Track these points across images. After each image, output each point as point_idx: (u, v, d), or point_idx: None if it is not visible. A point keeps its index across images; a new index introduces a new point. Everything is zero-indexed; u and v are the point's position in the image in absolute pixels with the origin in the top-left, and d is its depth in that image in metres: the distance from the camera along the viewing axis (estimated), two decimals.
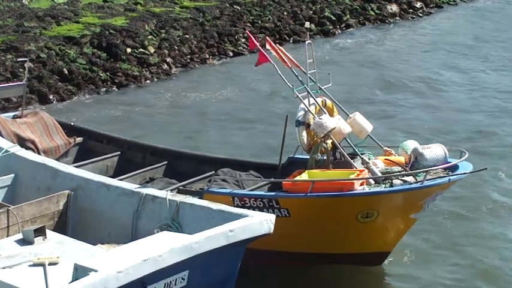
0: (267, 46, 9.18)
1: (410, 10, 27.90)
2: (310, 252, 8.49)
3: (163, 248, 6.01)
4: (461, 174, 8.29)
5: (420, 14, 27.85)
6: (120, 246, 6.59)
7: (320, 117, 8.74)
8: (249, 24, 23.02)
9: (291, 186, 8.29)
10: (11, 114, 10.96)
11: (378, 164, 8.64)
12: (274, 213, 7.97)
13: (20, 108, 11.06)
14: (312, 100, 8.96)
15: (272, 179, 8.95)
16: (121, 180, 8.82)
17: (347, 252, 8.47)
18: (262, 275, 8.52)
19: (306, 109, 8.90)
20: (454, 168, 8.43)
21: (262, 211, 7.94)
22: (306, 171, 8.63)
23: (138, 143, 10.65)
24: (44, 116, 10.72)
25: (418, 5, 28.33)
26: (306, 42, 9.24)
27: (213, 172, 9.20)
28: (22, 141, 9.92)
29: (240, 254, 6.68)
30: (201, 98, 17.14)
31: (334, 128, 8.60)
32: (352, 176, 8.27)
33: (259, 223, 6.71)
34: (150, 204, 7.71)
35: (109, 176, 9.14)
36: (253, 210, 7.91)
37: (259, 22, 23.49)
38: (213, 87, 17.94)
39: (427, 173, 8.08)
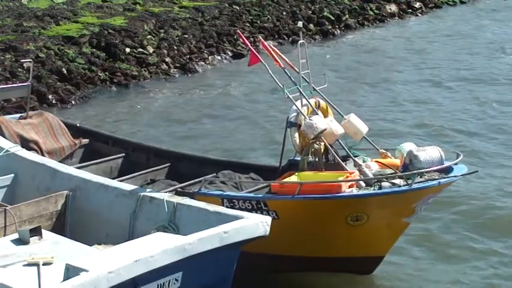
0: (260, 46, 9.08)
1: (409, 10, 27.96)
2: (300, 256, 8.38)
3: (156, 248, 5.99)
4: (451, 177, 8.17)
5: (419, 14, 27.90)
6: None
7: (310, 118, 8.52)
8: (248, 24, 23.05)
9: (279, 188, 8.17)
10: (17, 115, 10.92)
11: (372, 167, 8.49)
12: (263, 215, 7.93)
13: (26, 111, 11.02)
14: (304, 101, 8.78)
15: (261, 180, 8.89)
16: (122, 181, 8.78)
17: (339, 256, 8.37)
18: (260, 281, 8.46)
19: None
20: (449, 170, 8.28)
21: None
22: (297, 173, 8.51)
23: (142, 144, 10.61)
24: (49, 117, 10.62)
25: (417, 5, 28.38)
26: (299, 42, 9.06)
27: (214, 174, 9.20)
28: (25, 142, 9.85)
29: (236, 256, 6.66)
30: (200, 98, 17.17)
31: (325, 129, 8.41)
32: (340, 178, 8.11)
33: (254, 225, 6.69)
34: (147, 206, 7.70)
35: (113, 178, 9.15)
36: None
37: (258, 22, 23.52)
38: (212, 87, 17.97)
39: (418, 175, 7.95)
